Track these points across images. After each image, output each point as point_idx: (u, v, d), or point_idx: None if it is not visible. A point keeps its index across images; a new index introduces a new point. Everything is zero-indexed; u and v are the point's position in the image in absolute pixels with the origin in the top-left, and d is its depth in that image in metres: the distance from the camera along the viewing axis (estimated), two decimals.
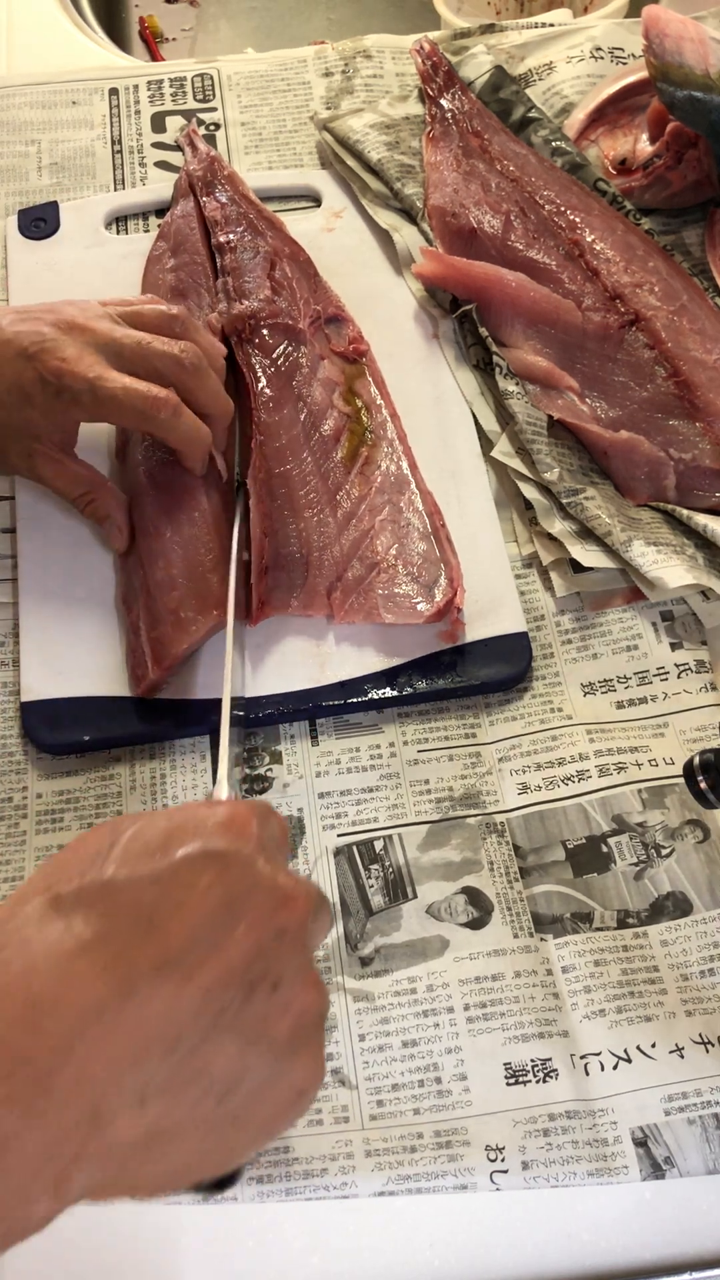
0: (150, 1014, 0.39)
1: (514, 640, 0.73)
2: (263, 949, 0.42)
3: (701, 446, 0.78)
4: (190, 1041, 0.40)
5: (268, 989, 0.42)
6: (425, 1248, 0.57)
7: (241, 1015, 0.41)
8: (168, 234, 0.91)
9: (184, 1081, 0.39)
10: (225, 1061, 0.41)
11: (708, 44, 0.87)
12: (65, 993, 0.38)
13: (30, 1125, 0.36)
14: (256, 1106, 0.42)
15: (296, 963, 0.43)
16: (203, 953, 0.40)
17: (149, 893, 0.41)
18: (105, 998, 0.38)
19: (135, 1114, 0.38)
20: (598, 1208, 0.58)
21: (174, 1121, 0.40)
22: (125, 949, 0.39)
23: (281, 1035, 0.42)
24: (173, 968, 0.40)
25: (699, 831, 0.67)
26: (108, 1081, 0.38)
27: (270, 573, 0.74)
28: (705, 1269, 0.56)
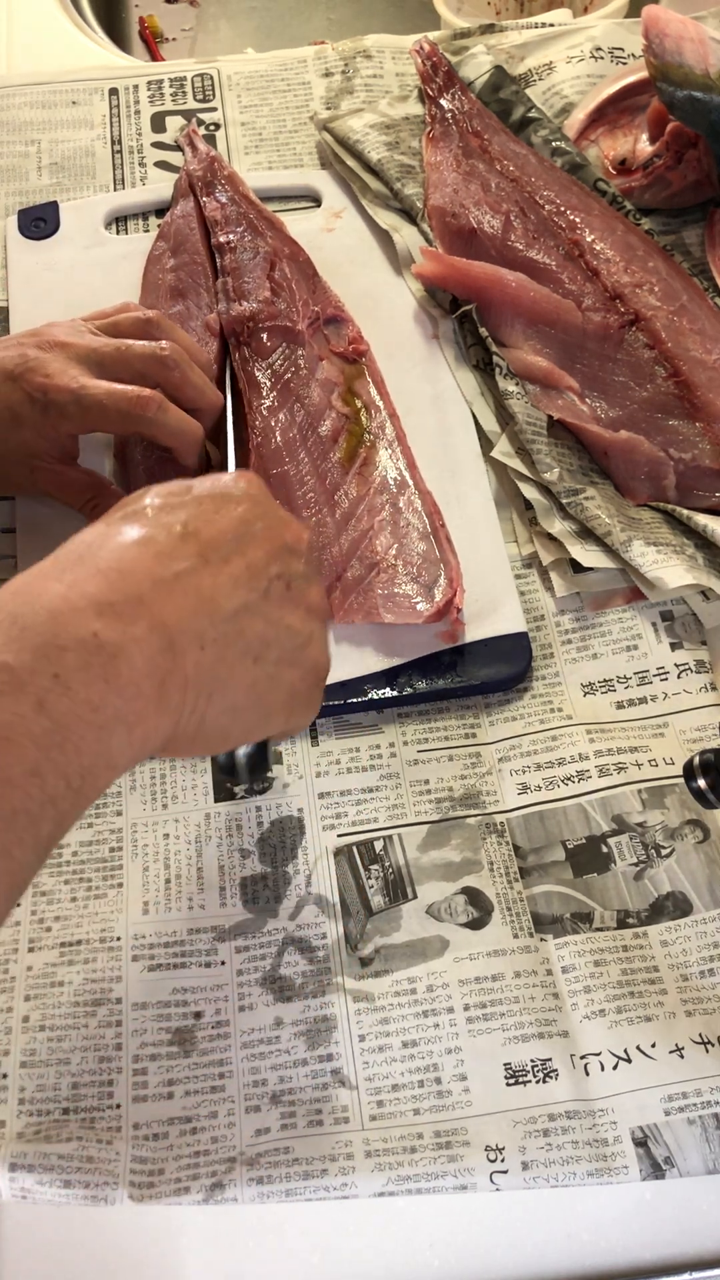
0: (194, 586, 0.49)
1: (514, 640, 0.73)
2: (276, 555, 0.54)
3: (701, 446, 0.78)
4: (229, 609, 0.50)
5: (283, 586, 0.53)
6: (425, 1248, 0.57)
7: (265, 601, 0.52)
8: (168, 234, 0.91)
9: (230, 637, 0.50)
10: (256, 632, 0.52)
11: (708, 44, 0.87)
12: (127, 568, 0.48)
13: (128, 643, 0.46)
14: (284, 674, 0.54)
15: (302, 569, 0.55)
16: (229, 551, 0.52)
17: (183, 513, 0.52)
18: (160, 573, 0.49)
19: (199, 655, 0.49)
20: (598, 1208, 0.58)
21: (226, 669, 0.50)
22: (169, 547, 0.50)
23: (296, 622, 0.54)
24: (207, 559, 0.51)
25: (699, 831, 0.67)
26: (175, 624, 0.48)
27: None
28: (705, 1269, 0.57)
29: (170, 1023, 0.62)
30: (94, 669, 0.44)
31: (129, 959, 0.64)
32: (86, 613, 0.45)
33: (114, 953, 0.65)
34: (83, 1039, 0.62)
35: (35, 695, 0.43)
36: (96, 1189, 0.57)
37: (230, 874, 0.67)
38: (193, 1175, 0.58)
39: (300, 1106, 0.60)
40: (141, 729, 0.46)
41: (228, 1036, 0.62)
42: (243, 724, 0.54)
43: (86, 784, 0.44)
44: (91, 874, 0.67)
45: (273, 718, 0.55)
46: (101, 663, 0.45)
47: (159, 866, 0.67)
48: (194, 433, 0.75)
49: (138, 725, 0.46)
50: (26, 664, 0.43)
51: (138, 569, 0.48)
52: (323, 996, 0.63)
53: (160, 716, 0.47)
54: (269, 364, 0.83)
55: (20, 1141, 0.58)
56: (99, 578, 0.47)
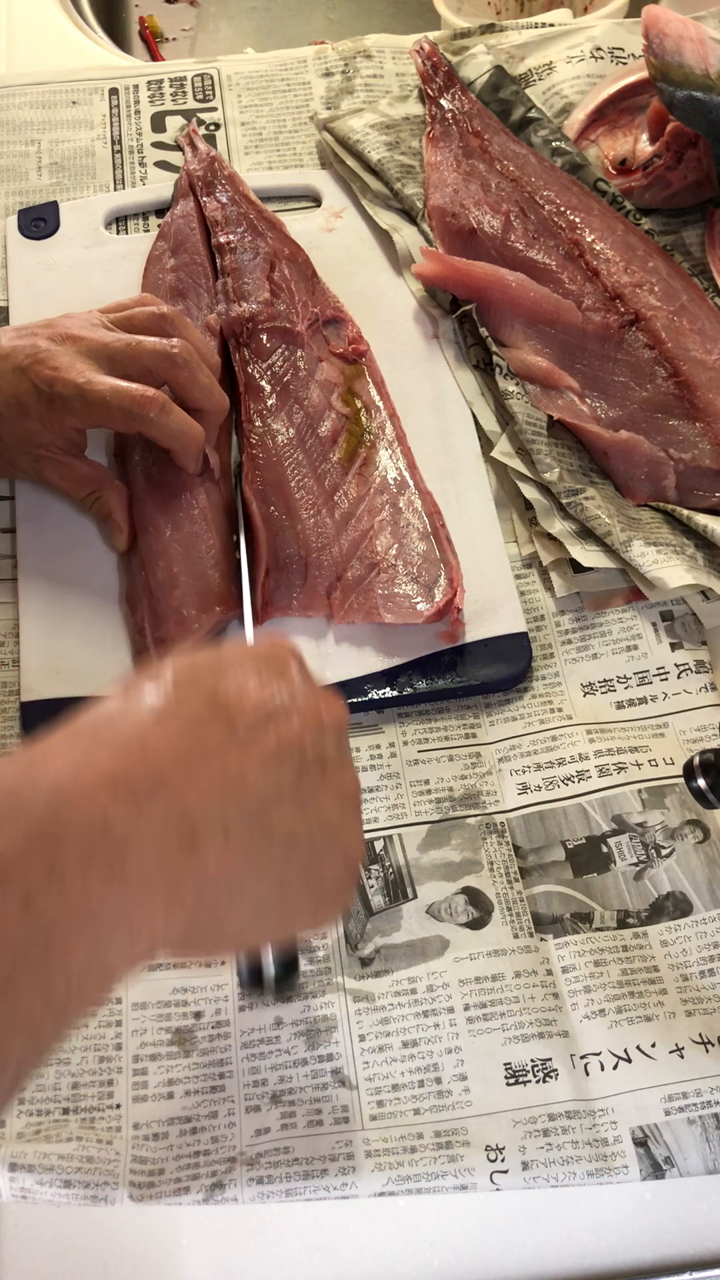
0: (222, 766, 0.44)
1: (514, 640, 0.73)
2: (312, 733, 0.48)
3: (701, 446, 0.78)
4: (258, 795, 0.45)
5: (317, 769, 0.48)
6: (425, 1248, 0.57)
7: (297, 786, 0.47)
8: (168, 234, 0.91)
9: (257, 827, 0.45)
10: (287, 821, 0.46)
11: (708, 44, 0.87)
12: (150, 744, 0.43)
13: (141, 830, 0.40)
14: (314, 869, 0.48)
15: (338, 751, 0.50)
16: (262, 727, 0.46)
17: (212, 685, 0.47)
18: (185, 752, 0.44)
19: (222, 846, 0.43)
20: (598, 1207, 0.58)
21: (251, 866, 0.45)
22: (198, 720, 0.45)
23: (330, 809, 0.48)
24: (238, 737, 0.45)
25: (699, 831, 0.67)
26: (198, 810, 0.43)
27: (271, 574, 0.74)
28: (705, 1269, 0.57)
29: (170, 1022, 0.62)
30: (97, 861, 0.39)
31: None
32: (97, 791, 0.40)
33: None
34: (83, 1039, 0.62)
35: (22, 890, 0.37)
36: (96, 1189, 0.57)
37: None
38: (193, 1175, 0.58)
39: (300, 1106, 0.60)
40: (147, 932, 0.41)
41: (228, 1036, 0.62)
42: (265, 925, 0.49)
43: (73, 999, 0.39)
44: None
45: (298, 917, 0.50)
46: (107, 854, 0.39)
47: None
48: (195, 437, 0.75)
49: (143, 928, 0.41)
50: (18, 851, 0.38)
51: (161, 743, 0.43)
52: (323, 996, 0.63)
53: (171, 918, 0.42)
54: (268, 365, 0.83)
55: (20, 1141, 0.58)
56: (116, 751, 0.42)
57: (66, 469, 0.75)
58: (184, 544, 0.74)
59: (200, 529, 0.74)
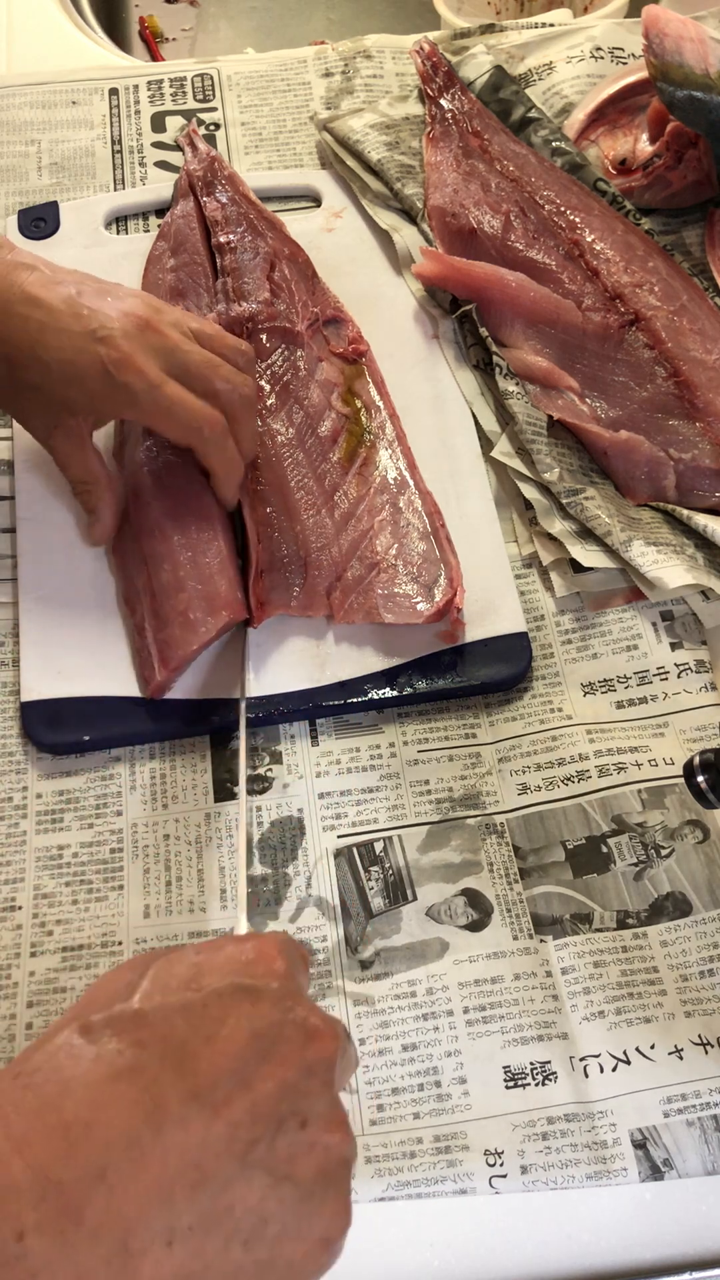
0: (180, 1146, 0.39)
1: (514, 640, 0.73)
2: (292, 1085, 0.42)
3: (701, 446, 0.78)
4: (219, 1179, 0.39)
5: (296, 1126, 0.42)
6: (425, 1248, 0.57)
7: (270, 1152, 0.41)
8: (168, 234, 0.91)
9: (211, 1222, 0.39)
10: (252, 1202, 0.40)
11: (708, 44, 0.87)
12: (98, 1118, 0.38)
13: (60, 1255, 0.35)
14: (283, 1251, 0.41)
15: (325, 1101, 0.43)
16: (232, 1087, 0.40)
17: (180, 1025, 0.41)
18: (137, 1127, 0.38)
19: (162, 1254, 0.37)
20: (598, 1208, 0.58)
21: (201, 1265, 0.39)
22: (156, 1080, 0.39)
23: (308, 1176, 0.42)
24: (202, 1101, 0.40)
25: (699, 832, 0.67)
26: (137, 1217, 0.37)
27: (266, 575, 0.74)
28: (705, 1269, 0.56)
29: None
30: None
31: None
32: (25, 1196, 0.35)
33: (116, 958, 0.64)
34: None
35: None
36: None
37: (231, 876, 0.67)
38: None
39: None
40: None
41: None
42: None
43: None
44: (92, 875, 0.67)
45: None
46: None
47: (159, 868, 0.67)
48: (240, 469, 0.74)
49: None
50: None
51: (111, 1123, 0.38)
52: (323, 1000, 0.63)
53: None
54: (268, 365, 0.83)
55: None
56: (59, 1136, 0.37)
57: (76, 449, 0.74)
58: (190, 548, 0.73)
59: (207, 534, 0.74)
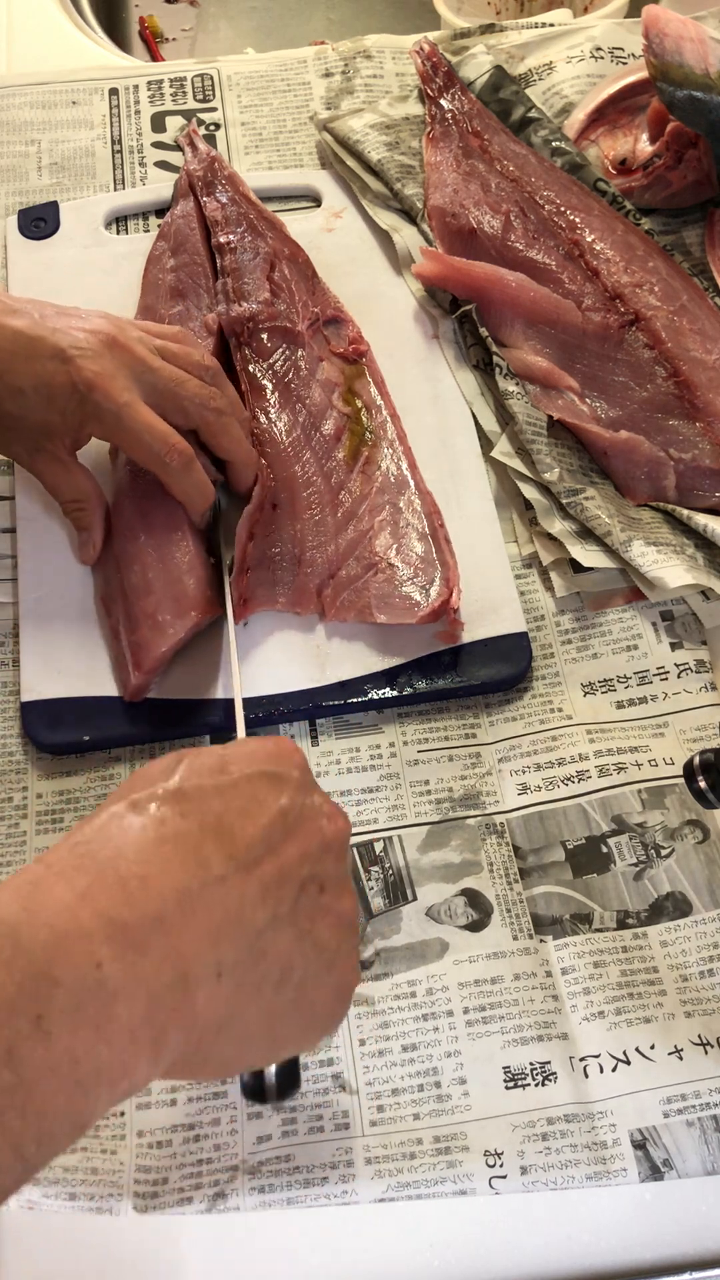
0: (222, 898, 0.44)
1: (514, 640, 0.73)
2: (311, 856, 0.48)
3: (701, 446, 0.78)
4: (254, 927, 0.45)
5: (315, 890, 0.48)
6: (425, 1248, 0.57)
7: (295, 911, 0.47)
8: (168, 234, 0.91)
9: (250, 964, 0.45)
10: (281, 950, 0.46)
11: (708, 44, 0.87)
12: (151, 873, 0.43)
13: (134, 980, 0.40)
14: (306, 995, 0.48)
15: (338, 872, 0.50)
16: (262, 852, 0.46)
17: (216, 802, 0.47)
18: (185, 881, 0.44)
19: (214, 986, 0.43)
20: (597, 1208, 0.58)
21: (242, 1000, 0.45)
22: (199, 844, 0.45)
23: (326, 933, 0.48)
24: (238, 862, 0.45)
25: (699, 832, 0.67)
26: (192, 953, 0.43)
27: (253, 571, 0.74)
28: (705, 1269, 0.56)
29: None
30: (86, 1012, 0.39)
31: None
32: (95, 936, 0.40)
33: None
34: None
35: (7, 1041, 0.37)
36: (101, 1201, 0.57)
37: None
38: (195, 1185, 0.58)
39: (301, 1113, 0.60)
40: (127, 1081, 0.41)
41: None
42: (251, 1054, 0.49)
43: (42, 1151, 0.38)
44: None
45: (286, 1044, 0.50)
46: (97, 1006, 0.39)
47: None
48: (207, 496, 0.74)
49: (123, 1079, 0.41)
50: (8, 997, 0.38)
51: (163, 877, 0.43)
52: None
53: (154, 1064, 0.42)
54: (269, 365, 0.83)
55: None
56: (118, 888, 0.42)
57: (64, 470, 0.74)
58: (158, 549, 0.73)
59: (176, 535, 0.74)
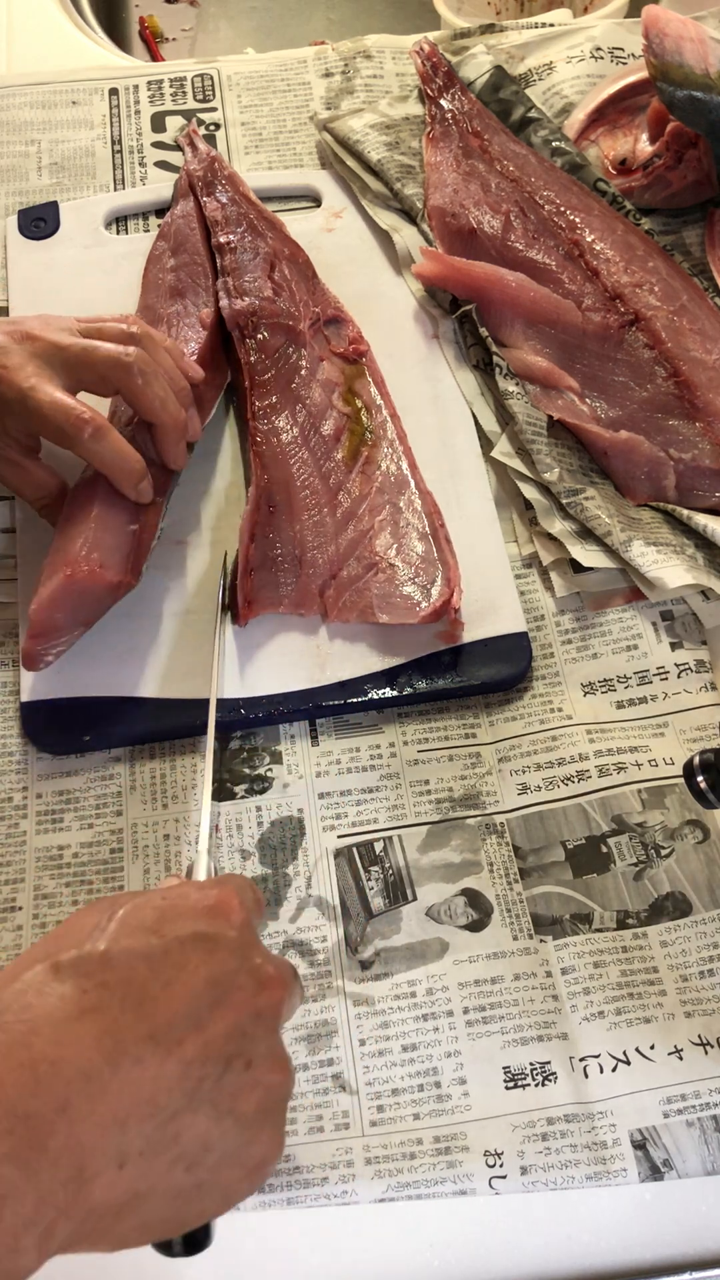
0: (135, 1082, 0.42)
1: (514, 640, 0.73)
2: (241, 1029, 0.46)
3: (701, 446, 0.78)
4: (169, 1110, 0.43)
5: (242, 1066, 0.45)
6: (425, 1248, 0.57)
7: (217, 1088, 0.44)
8: (168, 234, 0.91)
9: (160, 1148, 0.43)
10: (197, 1131, 0.44)
11: (708, 44, 0.87)
12: (63, 1055, 0.41)
13: (27, 1180, 0.39)
14: (220, 1175, 0.45)
15: (269, 1043, 0.47)
16: (186, 1029, 0.44)
17: (141, 969, 0.44)
18: (98, 1064, 0.41)
19: (114, 1175, 0.41)
20: (597, 1209, 0.58)
21: (147, 1185, 0.43)
22: (118, 1021, 0.43)
23: (250, 1110, 0.46)
24: (158, 1041, 0.43)
25: (699, 832, 0.67)
26: (94, 1144, 0.40)
27: (256, 573, 0.74)
28: (705, 1269, 0.56)
29: None
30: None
31: None
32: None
33: None
34: None
35: None
36: None
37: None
38: None
39: (301, 1113, 0.60)
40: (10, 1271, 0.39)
41: None
42: (154, 1232, 0.46)
43: None
44: (92, 876, 0.67)
45: (194, 1220, 0.47)
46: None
47: (160, 868, 0.67)
48: (130, 466, 0.71)
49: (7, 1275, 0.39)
50: None
51: (75, 1059, 0.41)
52: (323, 1000, 0.63)
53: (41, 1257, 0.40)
54: (270, 364, 0.83)
55: None
56: (27, 1073, 0.40)
57: (20, 471, 0.74)
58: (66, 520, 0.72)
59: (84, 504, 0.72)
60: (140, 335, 0.74)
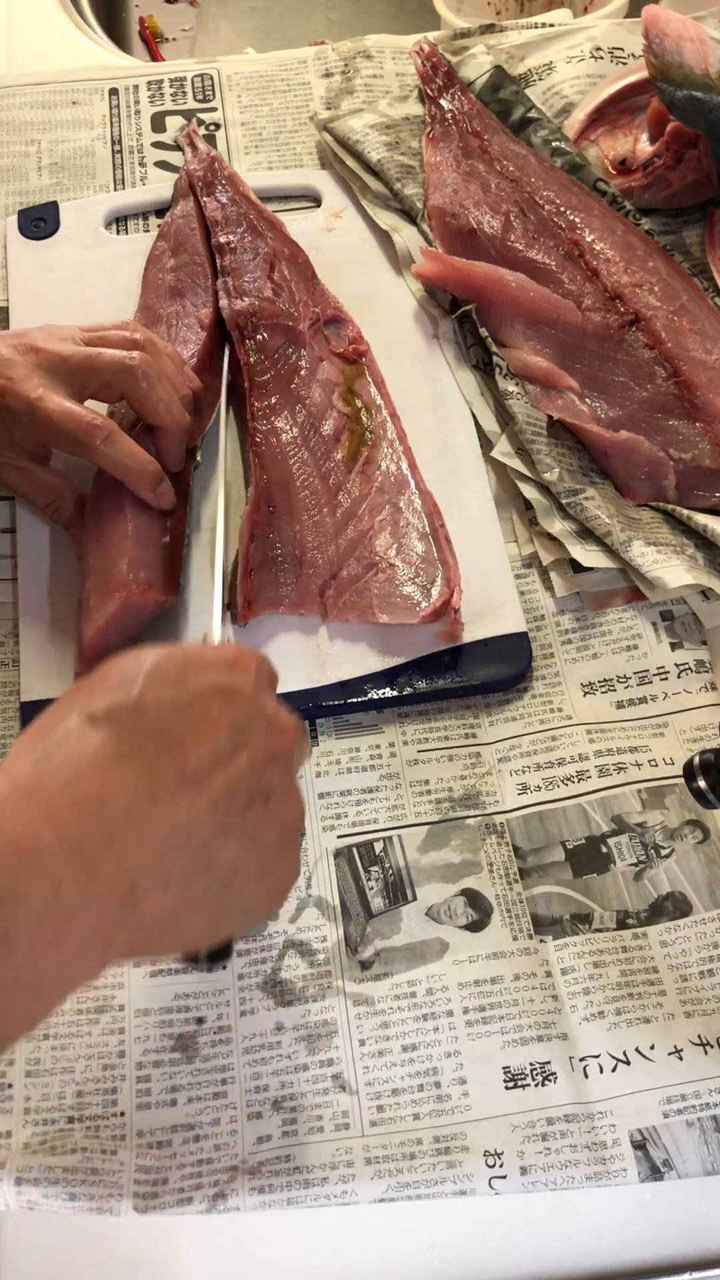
0: (171, 816, 0.47)
1: (514, 640, 0.73)
2: (259, 768, 0.50)
3: (701, 446, 0.78)
4: (201, 840, 0.47)
5: (262, 801, 0.50)
6: (425, 1248, 0.57)
7: (242, 821, 0.49)
8: (168, 234, 0.91)
9: (195, 873, 0.48)
10: (227, 858, 0.49)
11: (708, 44, 0.87)
12: (108, 793, 0.46)
13: (88, 898, 0.44)
14: (247, 895, 0.51)
15: (285, 781, 0.52)
16: (213, 769, 0.48)
17: (170, 717, 0.48)
18: (139, 801, 0.46)
19: (159, 896, 0.46)
20: (598, 1209, 0.58)
21: (186, 904, 0.48)
22: (152, 764, 0.47)
23: (271, 839, 0.51)
24: (189, 780, 0.47)
25: (699, 832, 0.67)
26: (141, 869, 0.45)
27: (256, 573, 0.74)
28: (705, 1269, 0.57)
29: (173, 1029, 0.62)
30: (46, 929, 0.43)
31: (131, 964, 0.64)
32: (56, 855, 0.43)
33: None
34: (86, 1046, 0.62)
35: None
36: (101, 1201, 0.57)
37: None
38: (195, 1185, 0.58)
39: (301, 1113, 0.60)
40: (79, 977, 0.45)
41: (230, 1042, 0.62)
42: (193, 941, 0.52)
43: None
44: None
45: (224, 933, 0.53)
46: (56, 924, 0.43)
47: None
48: (144, 468, 0.73)
49: (76, 982, 0.45)
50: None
51: (117, 798, 0.46)
52: (323, 1000, 0.63)
53: (101, 964, 0.46)
54: (270, 364, 0.83)
55: (26, 1154, 0.58)
56: (78, 809, 0.45)
57: (28, 476, 0.75)
58: (97, 533, 0.74)
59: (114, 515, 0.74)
60: (143, 340, 0.75)
